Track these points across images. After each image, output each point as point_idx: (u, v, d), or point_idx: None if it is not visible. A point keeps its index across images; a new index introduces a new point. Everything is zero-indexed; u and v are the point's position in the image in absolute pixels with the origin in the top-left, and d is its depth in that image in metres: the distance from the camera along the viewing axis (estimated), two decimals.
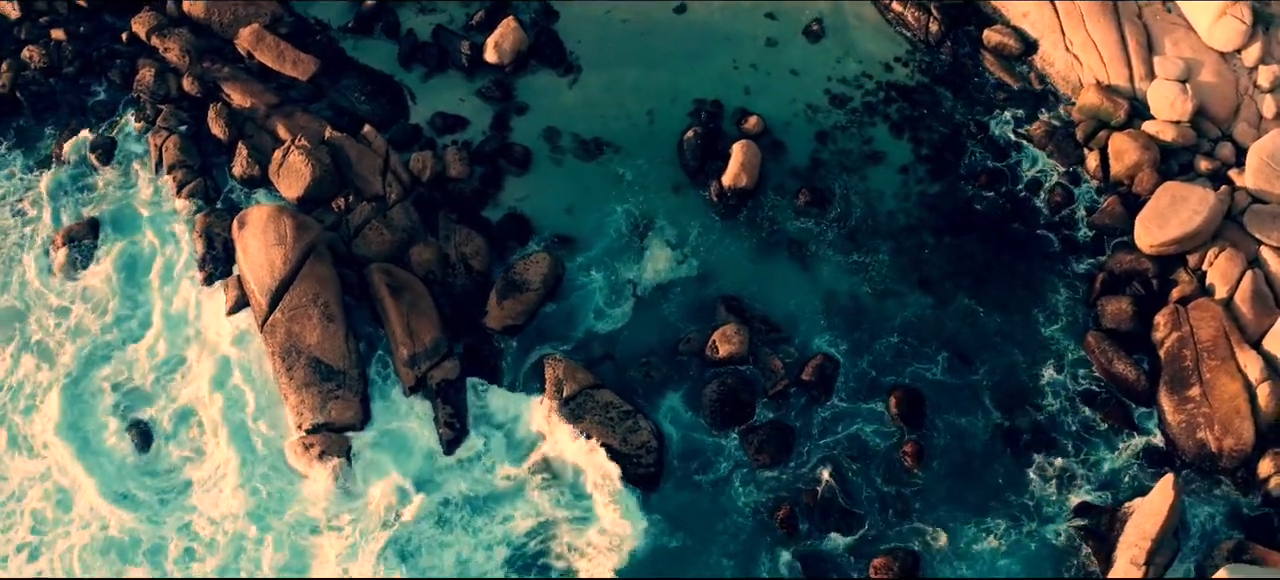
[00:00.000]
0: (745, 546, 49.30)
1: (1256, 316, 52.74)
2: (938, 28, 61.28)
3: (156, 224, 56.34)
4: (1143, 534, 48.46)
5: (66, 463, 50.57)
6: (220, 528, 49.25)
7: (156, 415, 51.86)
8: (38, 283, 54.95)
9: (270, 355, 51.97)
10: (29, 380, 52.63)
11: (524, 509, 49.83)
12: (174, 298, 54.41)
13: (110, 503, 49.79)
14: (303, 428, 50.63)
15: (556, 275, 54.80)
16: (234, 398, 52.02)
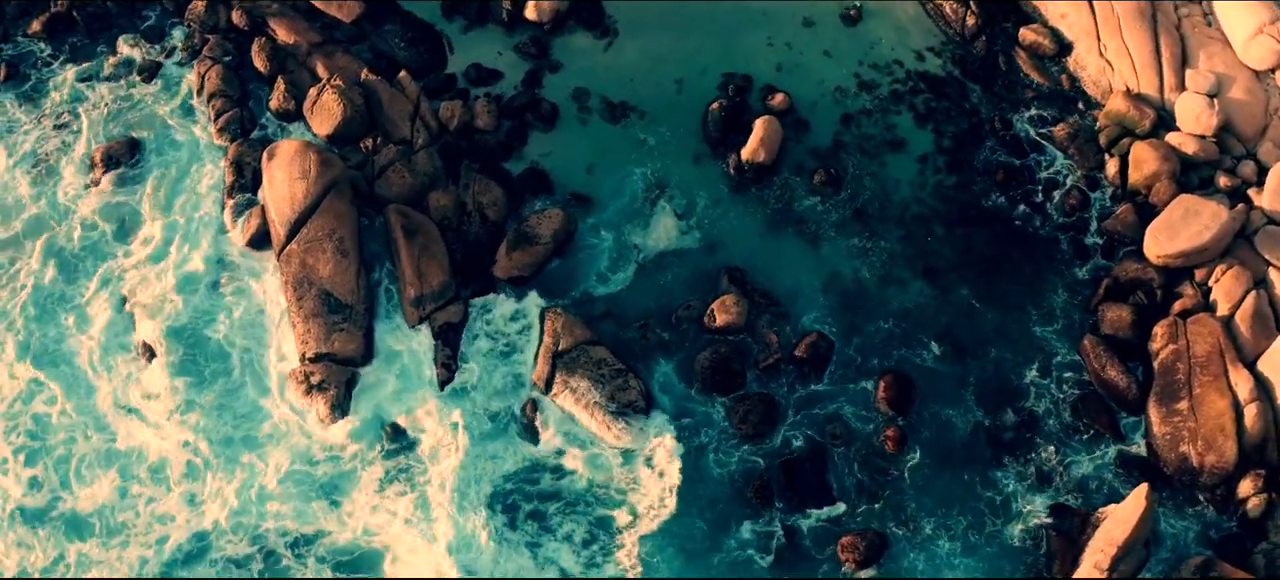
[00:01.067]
0: (720, 513, 50.52)
1: (1255, 337, 52.76)
2: (974, 22, 61.59)
3: (192, 150, 58.71)
4: (1110, 539, 48.97)
5: (77, 373, 53.10)
6: (222, 449, 51.54)
7: (170, 333, 54.04)
8: (72, 195, 57.57)
9: (283, 284, 54.11)
10: (50, 289, 55.23)
11: (512, 450, 51.64)
12: (199, 221, 56.66)
13: (117, 413, 52.32)
14: (306, 356, 52.73)
15: (568, 232, 56.32)
16: (247, 323, 54.30)
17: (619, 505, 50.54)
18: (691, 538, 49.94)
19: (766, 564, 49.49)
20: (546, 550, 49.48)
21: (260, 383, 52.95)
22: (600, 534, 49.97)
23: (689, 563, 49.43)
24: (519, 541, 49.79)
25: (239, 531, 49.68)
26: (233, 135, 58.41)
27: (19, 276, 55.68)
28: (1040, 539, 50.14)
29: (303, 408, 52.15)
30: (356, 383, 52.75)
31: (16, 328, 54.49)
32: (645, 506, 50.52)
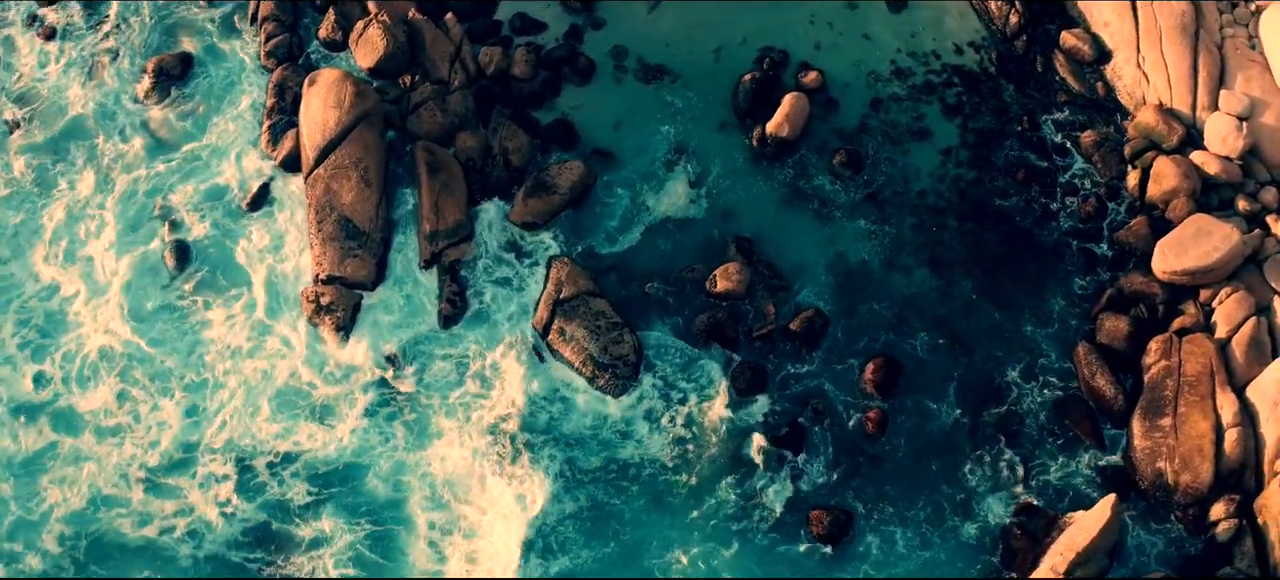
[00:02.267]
0: (695, 471, 52.05)
1: (1248, 362, 52.74)
2: (1017, 20, 61.76)
3: (239, 70, 61.39)
4: (1072, 544, 49.63)
5: (98, 277, 56.14)
6: (228, 360, 54.29)
7: (196, 246, 56.88)
8: (119, 104, 60.54)
9: (308, 206, 56.55)
10: (86, 192, 58.35)
11: (502, 390, 53.63)
12: (237, 139, 59.38)
13: (131, 319, 55.29)
14: (319, 277, 55.18)
15: (586, 184, 57.95)
16: (269, 240, 56.97)
17: (600, 449, 52.40)
18: (667, 491, 51.68)
19: (737, 525, 51.01)
20: (522, 481, 51.55)
21: (273, 300, 55.54)
22: (572, 471, 51.93)
23: (660, 512, 51.22)
24: (499, 468, 51.98)
25: (229, 448, 52.35)
26: (279, 59, 60.86)
27: (58, 180, 58.77)
28: (1001, 537, 50.95)
29: (309, 328, 54.60)
30: (363, 310, 55.10)
31: (47, 228, 57.57)
32: (624, 455, 52.30)
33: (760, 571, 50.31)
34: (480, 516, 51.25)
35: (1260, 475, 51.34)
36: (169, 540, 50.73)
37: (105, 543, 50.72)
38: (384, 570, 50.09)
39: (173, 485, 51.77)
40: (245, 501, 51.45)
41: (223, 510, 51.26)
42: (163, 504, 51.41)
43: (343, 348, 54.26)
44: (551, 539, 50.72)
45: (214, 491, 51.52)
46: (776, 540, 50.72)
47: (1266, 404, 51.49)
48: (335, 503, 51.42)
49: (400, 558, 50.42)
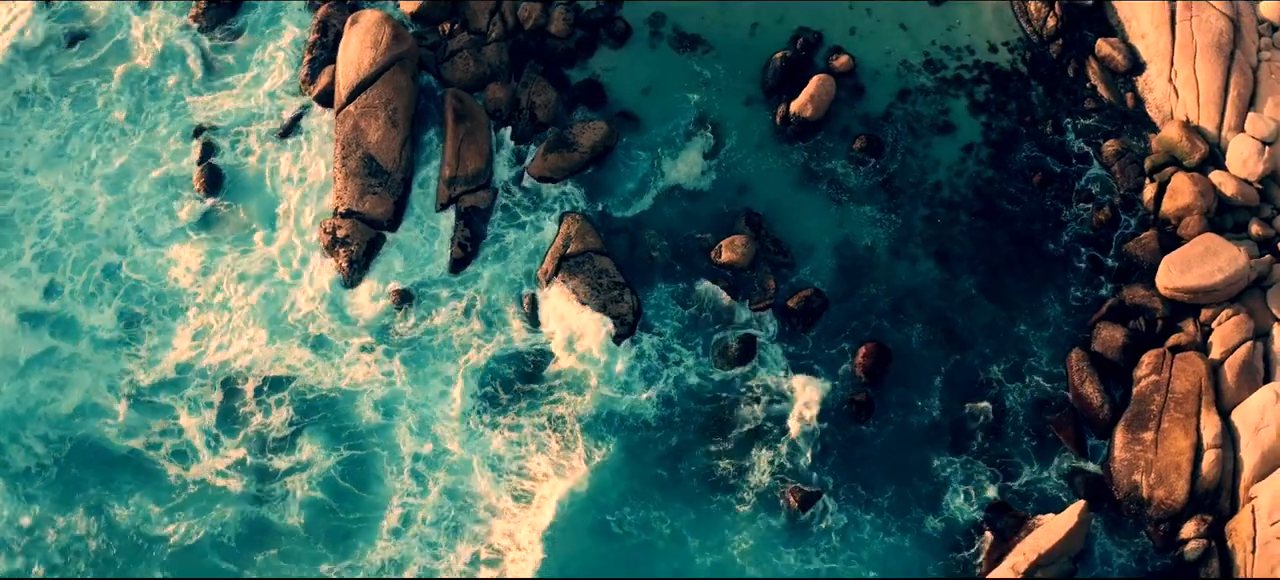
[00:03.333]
0: (679, 435, 53.59)
1: (1238, 386, 52.83)
2: (1054, 24, 61.83)
3: (287, 5, 63.41)
4: (1035, 545, 50.35)
5: (127, 194, 58.66)
6: (238, 285, 56.56)
7: (227, 171, 59.22)
8: (170, 25, 62.97)
9: (335, 141, 58.56)
10: (124, 111, 60.82)
11: (503, 333, 55.53)
12: (279, 71, 61.64)
13: (152, 238, 57.71)
14: (338, 210, 57.26)
15: (607, 146, 59.31)
16: (297, 171, 59.18)
17: (588, 405, 53.89)
18: (646, 448, 53.26)
19: (709, 489, 52.47)
20: (508, 430, 53.42)
21: (291, 230, 57.76)
22: (560, 426, 53.54)
23: (636, 466, 52.87)
24: (488, 408, 53.97)
25: (224, 371, 54.71)
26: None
27: (96, 98, 61.24)
28: (969, 533, 51.80)
29: (323, 260, 56.76)
30: (378, 247, 57.06)
31: (80, 143, 60.14)
32: (610, 409, 53.92)
33: (726, 535, 51.65)
34: (464, 452, 53.06)
35: (1235, 499, 51.61)
36: (155, 456, 53.08)
37: (89, 448, 53.19)
38: (360, 499, 52.42)
39: (163, 404, 54.08)
40: (233, 425, 53.78)
41: (210, 434, 53.51)
42: (149, 421, 53.76)
43: (353, 282, 56.30)
44: (524, 477, 52.56)
45: (202, 416, 53.81)
46: (745, 509, 52.01)
47: (1249, 429, 51.68)
48: (322, 427, 53.56)
49: (377, 486, 52.51)
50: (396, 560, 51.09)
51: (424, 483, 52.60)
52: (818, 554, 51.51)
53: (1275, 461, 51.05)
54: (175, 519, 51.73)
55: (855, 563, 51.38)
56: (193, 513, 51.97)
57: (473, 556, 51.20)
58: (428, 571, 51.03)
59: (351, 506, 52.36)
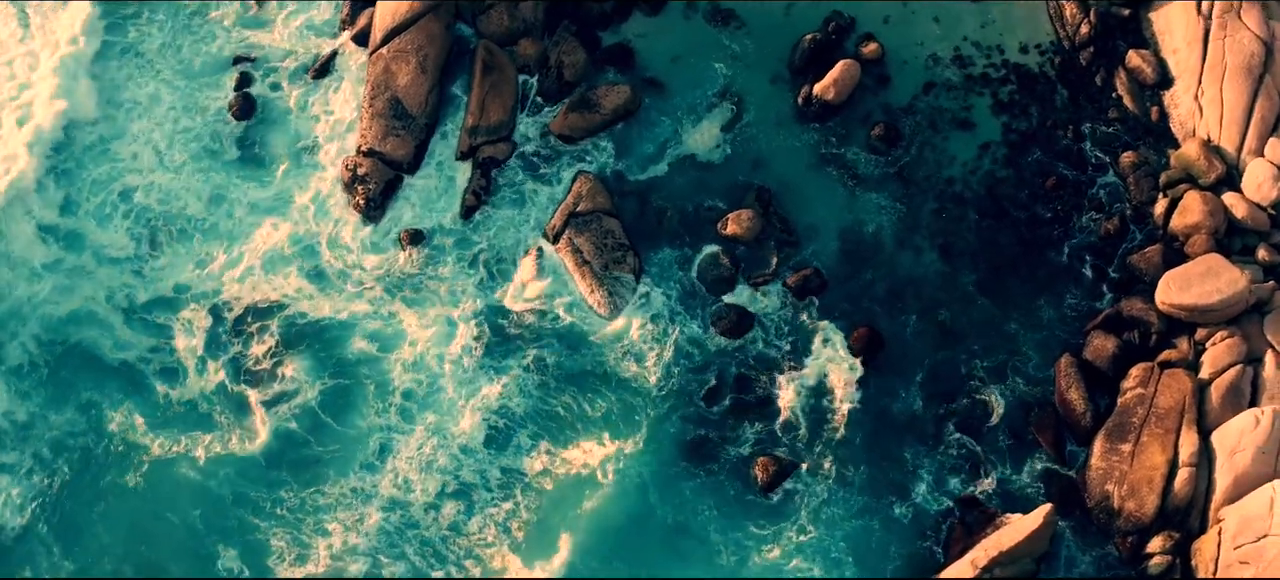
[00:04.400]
0: (666, 405, 55.00)
1: (1221, 408, 53.03)
2: (1088, 31, 61.84)
3: None
4: (997, 543, 51.16)
5: (161, 113, 60.89)
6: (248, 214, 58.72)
7: (261, 100, 61.23)
8: None
9: (366, 81, 60.42)
10: (169, 40, 62.91)
11: (506, 283, 57.17)
12: (322, 12, 63.44)
13: (174, 159, 59.88)
14: (361, 148, 59.19)
15: (629, 110, 60.56)
16: (326, 108, 61.09)
17: (577, 357, 55.69)
18: (631, 409, 54.74)
19: (688, 455, 53.90)
20: (498, 375, 55.16)
21: (313, 164, 59.83)
22: (547, 369, 55.45)
23: (620, 426, 54.40)
24: (483, 359, 55.65)
25: (222, 296, 56.88)
26: None
27: (129, 29, 63.30)
28: (937, 523, 52.79)
29: (341, 196, 58.84)
30: (395, 188, 58.94)
31: (114, 67, 62.21)
32: (599, 368, 55.48)
33: (697, 497, 53.14)
34: (454, 394, 54.87)
35: (1205, 518, 51.92)
36: (146, 371, 55.45)
37: (83, 355, 55.63)
38: (343, 427, 54.60)
39: (158, 322, 56.37)
40: (223, 349, 56.00)
41: (200, 356, 55.73)
42: (143, 337, 56.07)
43: (367, 219, 58.28)
44: (509, 422, 54.44)
45: (194, 339, 56.00)
46: (719, 475, 53.47)
47: (1225, 451, 51.91)
48: (314, 356, 55.67)
49: (358, 419, 54.65)
50: (363, 491, 53.21)
51: (411, 419, 54.54)
52: (787, 528, 52.72)
53: (1247, 485, 51.30)
54: (158, 433, 54.08)
55: (825, 540, 52.50)
56: (177, 429, 54.29)
57: (440, 487, 53.29)
58: (394, 502, 53.10)
59: (331, 435, 54.46)
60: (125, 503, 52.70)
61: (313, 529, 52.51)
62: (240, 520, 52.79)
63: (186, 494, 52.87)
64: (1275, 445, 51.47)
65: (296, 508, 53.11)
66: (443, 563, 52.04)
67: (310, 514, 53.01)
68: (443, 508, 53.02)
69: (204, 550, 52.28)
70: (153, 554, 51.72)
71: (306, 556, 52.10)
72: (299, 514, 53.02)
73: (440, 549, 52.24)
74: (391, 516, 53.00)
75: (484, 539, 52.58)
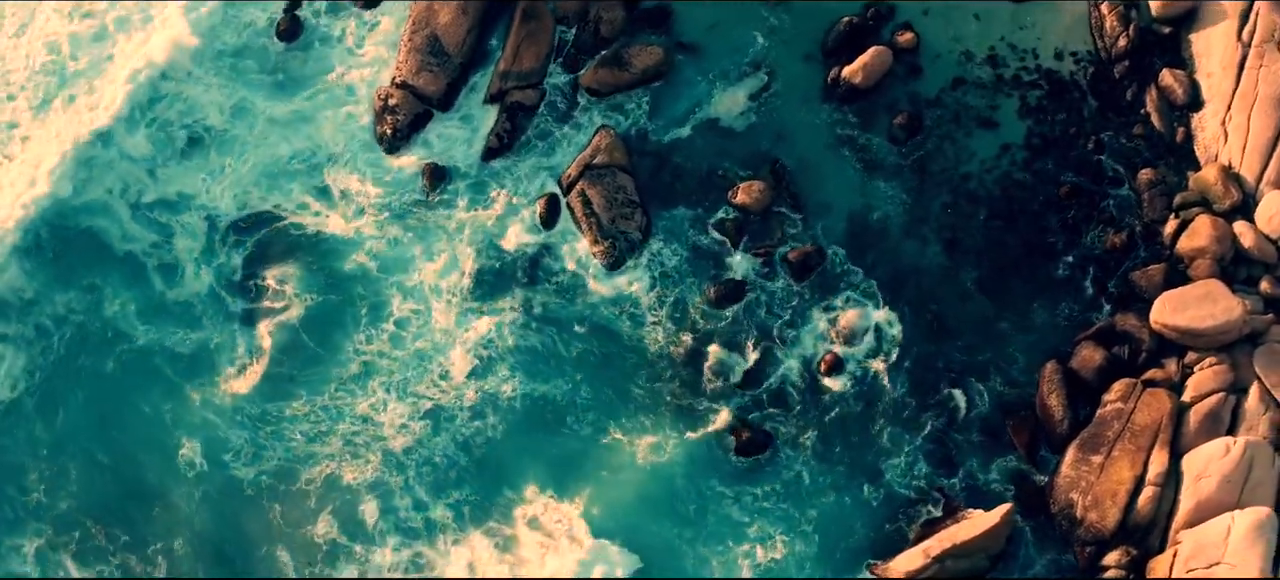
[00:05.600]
0: (650, 361, 56.78)
1: (1197, 432, 53.24)
2: (1125, 44, 61.76)
3: None
4: (952, 535, 52.30)
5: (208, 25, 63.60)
6: (271, 132, 61.34)
7: (303, 24, 63.60)
8: None
9: (409, 16, 62.62)
10: None
11: (516, 227, 59.11)
12: None
13: (206, 70, 62.57)
14: (395, 79, 61.39)
15: (660, 72, 61.94)
16: (368, 37, 63.36)
17: (572, 306, 57.59)
18: (616, 362, 56.67)
19: (668, 415, 55.58)
20: (491, 315, 57.25)
21: (347, 90, 62.18)
22: (538, 314, 57.46)
23: (602, 379, 56.26)
24: (481, 298, 57.79)
25: (226, 205, 59.66)
26: None
27: None
28: (903, 509, 53.89)
29: (368, 123, 61.23)
30: (423, 123, 61.05)
31: None
32: (591, 319, 57.31)
33: (671, 457, 54.83)
34: (447, 324, 57.14)
35: (1164, 539, 52.37)
36: (147, 265, 58.47)
37: (90, 241, 58.98)
38: (331, 343, 57.34)
39: (163, 222, 59.37)
40: (222, 257, 58.75)
41: (200, 261, 58.63)
42: (148, 233, 59.08)
43: (390, 149, 60.58)
44: (493, 356, 56.58)
45: (195, 244, 58.93)
46: (696, 438, 55.02)
47: (1192, 475, 52.24)
48: (312, 272, 58.36)
49: (345, 339, 57.23)
50: (336, 407, 55.83)
51: (401, 344, 56.98)
52: (755, 492, 54.20)
53: (1208, 512, 51.62)
54: (147, 324, 57.31)
55: (791, 509, 53.91)
56: (165, 323, 57.47)
57: (413, 410, 55.78)
58: (366, 419, 55.73)
59: (314, 351, 57.17)
60: (103, 386, 56.07)
61: (271, 435, 55.36)
62: (205, 418, 55.80)
63: (161, 386, 56.02)
64: (1242, 476, 51.78)
65: (262, 417, 55.91)
66: (401, 472, 54.71)
67: (276, 423, 55.79)
68: (412, 426, 55.46)
69: (168, 441, 55.45)
70: (120, 437, 55.07)
71: (261, 457, 55.02)
72: (266, 423, 55.79)
73: (402, 460, 54.92)
74: (360, 432, 55.58)
75: (449, 457, 55.01)
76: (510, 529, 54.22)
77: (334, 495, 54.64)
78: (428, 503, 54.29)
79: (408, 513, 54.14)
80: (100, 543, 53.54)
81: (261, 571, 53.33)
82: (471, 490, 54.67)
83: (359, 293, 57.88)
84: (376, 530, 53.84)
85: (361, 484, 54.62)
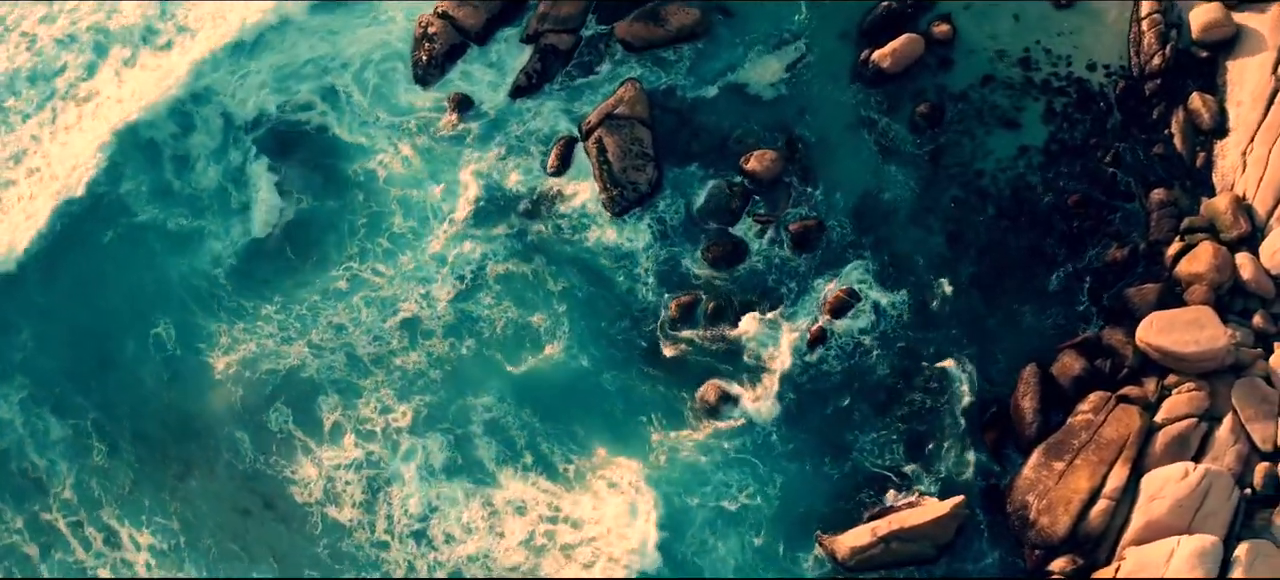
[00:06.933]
0: (638, 311, 58.49)
1: (1162, 454, 53.49)
2: (1160, 63, 61.73)
3: None
4: (901, 519, 53.47)
5: None
6: (305, 43, 64.42)
7: None
8: None
9: None
10: None
11: (528, 167, 61.28)
12: None
13: None
14: (438, 9, 63.86)
15: (694, 31, 63.44)
16: None
17: (566, 243, 59.59)
18: (597, 302, 58.54)
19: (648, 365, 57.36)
20: (486, 244, 59.52)
21: (387, 16, 65.06)
22: (540, 262, 59.30)
23: (581, 313, 58.31)
24: (483, 227, 60.03)
25: (247, 101, 63.06)
26: None
27: None
28: (859, 487, 54.95)
29: (404, 50, 63.74)
30: (458, 55, 63.35)
31: None
32: (583, 259, 59.27)
33: (645, 404, 56.57)
34: (443, 249, 59.53)
35: (1113, 553, 52.92)
36: (165, 152, 61.97)
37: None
38: (323, 245, 60.31)
39: (185, 113, 62.84)
40: (232, 156, 61.94)
41: (212, 156, 61.94)
42: (169, 124, 62.57)
43: (422, 78, 63.08)
44: (481, 283, 58.96)
45: (210, 139, 62.26)
46: (670, 384, 56.83)
47: (1147, 494, 52.55)
48: (319, 176, 61.52)
49: (338, 248, 59.96)
50: (315, 308, 58.73)
51: (393, 260, 59.49)
52: (720, 444, 55.61)
53: (1157, 533, 51.90)
54: (151, 204, 60.91)
55: (752, 468, 55.27)
56: (169, 206, 60.95)
57: (393, 323, 58.35)
58: (340, 328, 58.42)
59: (307, 254, 60.16)
60: (95, 256, 59.85)
61: (245, 330, 58.33)
62: (183, 302, 58.96)
63: (150, 264, 59.40)
64: (1196, 503, 51.98)
65: (238, 310, 58.90)
66: (368, 375, 57.30)
67: (252, 319, 58.73)
68: (386, 333, 58.15)
69: (145, 316, 58.82)
70: (104, 305, 58.68)
71: (233, 349, 57.99)
72: (241, 317, 58.77)
73: (368, 365, 57.57)
74: (331, 335, 58.34)
75: (418, 369, 57.54)
76: (466, 430, 56.49)
77: (295, 390, 57.42)
78: (391, 407, 56.80)
79: (369, 415, 56.70)
80: (77, 401, 57.02)
81: (223, 452, 56.26)
82: (435, 398, 57.08)
83: (359, 201, 60.65)
84: (332, 429, 56.48)
85: (324, 382, 57.29)
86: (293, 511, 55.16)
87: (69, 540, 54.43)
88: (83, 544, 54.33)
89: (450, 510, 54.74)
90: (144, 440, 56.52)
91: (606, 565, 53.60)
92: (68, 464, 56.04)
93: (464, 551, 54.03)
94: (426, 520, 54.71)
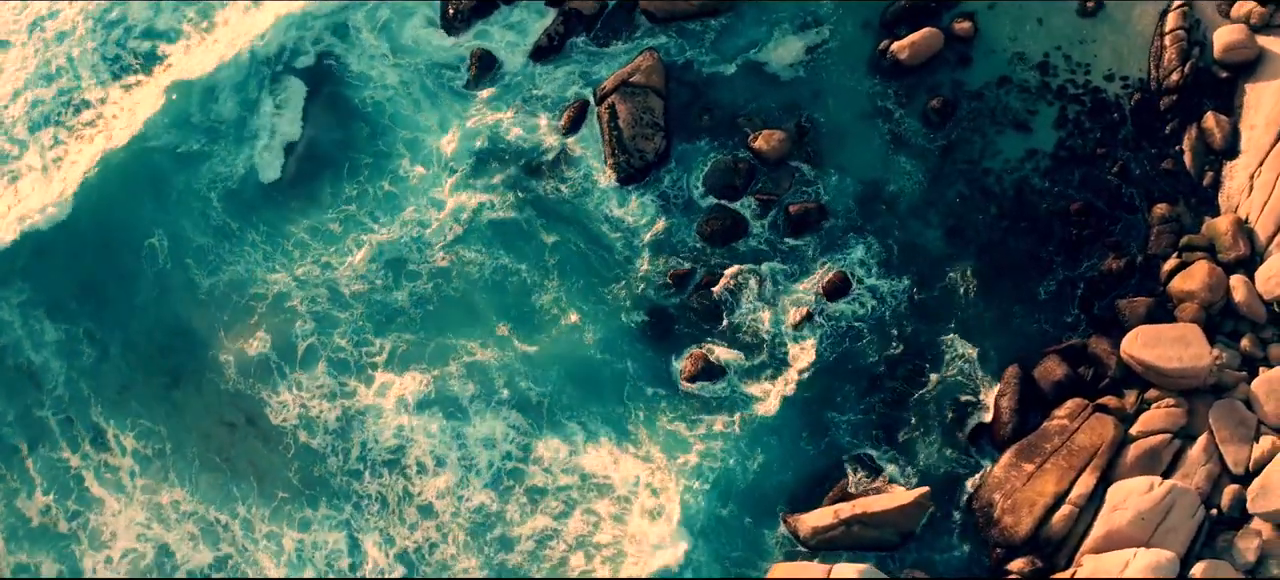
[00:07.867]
0: (628, 276, 59.70)
1: (1132, 466, 53.99)
2: (1178, 79, 61.56)
3: None
4: (865, 504, 54.52)
5: None
6: None
7: None
8: None
9: None
10: None
11: (542, 125, 62.53)
12: None
13: None
14: None
15: (718, 7, 64.16)
16: None
17: (571, 210, 60.87)
18: (593, 266, 59.82)
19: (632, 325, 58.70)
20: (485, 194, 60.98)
21: None
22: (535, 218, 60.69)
23: (574, 276, 59.66)
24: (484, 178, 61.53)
25: (271, 40, 64.90)
26: None
27: None
28: (830, 468, 55.90)
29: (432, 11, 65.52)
30: (486, 12, 64.70)
31: None
32: (582, 221, 60.50)
33: (620, 353, 58.11)
34: (447, 198, 61.07)
35: (1071, 560, 53.37)
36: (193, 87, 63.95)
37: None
38: (333, 175, 62.22)
39: (210, 43, 65.08)
40: (251, 90, 63.83)
41: (236, 84, 63.88)
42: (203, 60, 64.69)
43: (450, 29, 64.57)
44: (475, 230, 60.58)
45: (238, 74, 64.23)
46: (651, 348, 58.15)
47: (1111, 504, 53.17)
48: (331, 113, 63.49)
49: (338, 187, 61.77)
50: (302, 243, 60.54)
51: (394, 207, 61.07)
52: (695, 413, 56.91)
53: (1116, 543, 52.47)
54: (167, 133, 62.72)
55: (723, 439, 56.40)
56: (184, 134, 62.85)
57: (378, 258, 60.12)
58: (326, 264, 60.04)
59: (312, 191, 61.95)
60: (106, 174, 61.68)
61: (233, 253, 60.31)
62: (179, 221, 61.11)
63: (153, 182, 61.60)
64: (1158, 517, 52.39)
65: (231, 234, 60.83)
66: (347, 308, 59.27)
67: (244, 246, 60.67)
68: (371, 275, 59.91)
69: (141, 229, 61.07)
70: (102, 216, 60.82)
71: (220, 270, 60.01)
72: (233, 242, 60.77)
73: (349, 300, 59.49)
74: (316, 271, 60.21)
75: (400, 307, 59.37)
76: (443, 370, 58.18)
77: (277, 318, 59.26)
78: (368, 341, 58.73)
79: (345, 346, 58.61)
80: (71, 307, 59.44)
81: (207, 367, 58.40)
82: (414, 336, 58.90)
83: (367, 140, 62.58)
84: (305, 354, 58.48)
85: (305, 313, 59.23)
86: (271, 431, 57.34)
87: (57, 437, 56.93)
88: (70, 443, 56.79)
89: (424, 441, 56.77)
90: (134, 349, 58.82)
91: (581, 517, 55.42)
92: (61, 363, 58.48)
93: (436, 485, 55.94)
94: (399, 452, 56.74)
